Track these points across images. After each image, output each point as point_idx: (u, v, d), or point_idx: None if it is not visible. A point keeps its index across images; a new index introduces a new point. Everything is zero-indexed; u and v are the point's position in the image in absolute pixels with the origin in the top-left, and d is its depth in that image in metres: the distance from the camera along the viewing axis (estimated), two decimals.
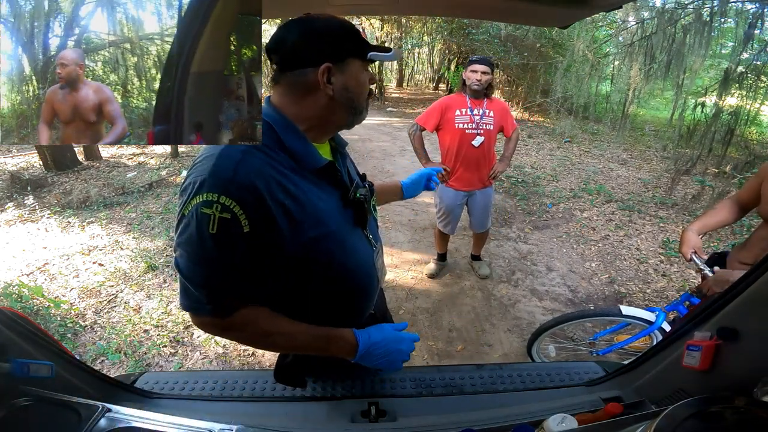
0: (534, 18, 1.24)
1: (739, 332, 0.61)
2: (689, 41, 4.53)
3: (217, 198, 0.62)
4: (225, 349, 2.16)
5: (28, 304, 2.39)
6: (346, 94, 0.72)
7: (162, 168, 5.05)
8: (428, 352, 2.19)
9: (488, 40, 8.52)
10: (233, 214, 0.62)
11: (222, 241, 0.64)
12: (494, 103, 2.33)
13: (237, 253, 0.65)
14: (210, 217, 0.62)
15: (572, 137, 7.32)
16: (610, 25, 7.63)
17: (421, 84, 17.15)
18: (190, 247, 0.66)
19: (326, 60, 0.68)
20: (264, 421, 0.80)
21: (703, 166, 4.81)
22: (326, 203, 0.74)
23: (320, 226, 0.71)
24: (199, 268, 0.67)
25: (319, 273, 0.75)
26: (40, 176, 4.57)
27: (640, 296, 2.74)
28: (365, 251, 0.84)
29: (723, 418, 0.51)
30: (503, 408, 0.84)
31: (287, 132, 0.71)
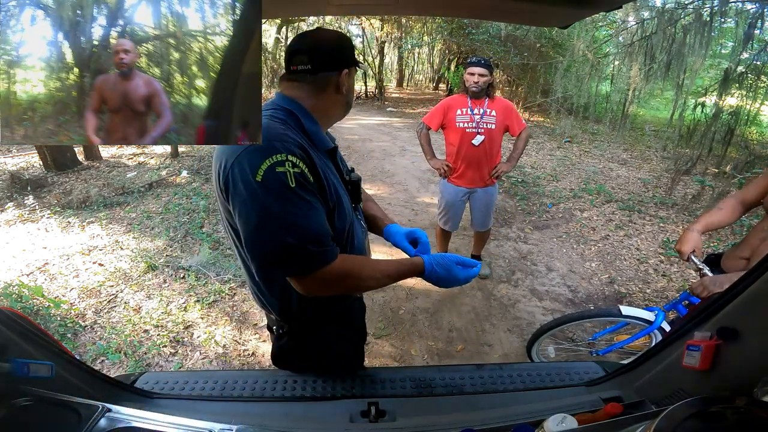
0: (534, 18, 1.24)
1: (739, 332, 0.60)
2: (689, 41, 4.53)
3: (286, 157, 0.71)
4: (225, 350, 2.16)
5: (28, 304, 2.39)
6: (349, 94, 0.91)
7: (162, 168, 5.05)
8: (428, 352, 2.19)
9: (488, 40, 8.52)
10: (301, 169, 0.73)
11: (303, 192, 0.73)
12: (497, 102, 2.34)
13: (315, 201, 0.76)
14: (286, 174, 0.71)
15: (572, 137, 7.32)
16: (610, 25, 7.64)
17: (421, 84, 17.16)
18: (281, 211, 0.72)
19: (347, 66, 0.86)
20: (264, 421, 0.80)
21: (703, 166, 4.81)
22: (336, 179, 0.88)
23: (338, 194, 0.85)
24: (300, 219, 0.73)
25: (339, 239, 0.86)
26: (40, 176, 4.57)
27: (640, 296, 2.74)
28: (360, 229, 0.99)
29: (723, 418, 0.51)
30: (503, 408, 0.84)
31: (306, 118, 0.84)
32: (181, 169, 4.94)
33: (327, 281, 0.79)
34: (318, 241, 0.76)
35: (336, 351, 1.03)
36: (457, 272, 0.89)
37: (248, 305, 2.50)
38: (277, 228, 0.72)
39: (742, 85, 4.40)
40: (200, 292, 2.60)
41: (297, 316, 0.95)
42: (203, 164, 5.08)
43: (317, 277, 0.78)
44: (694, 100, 4.80)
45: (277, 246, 0.73)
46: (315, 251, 0.75)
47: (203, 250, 3.05)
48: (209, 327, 2.31)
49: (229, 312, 2.43)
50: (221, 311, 2.43)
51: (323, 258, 0.77)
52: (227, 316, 2.39)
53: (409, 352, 2.18)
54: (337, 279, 0.80)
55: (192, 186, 4.42)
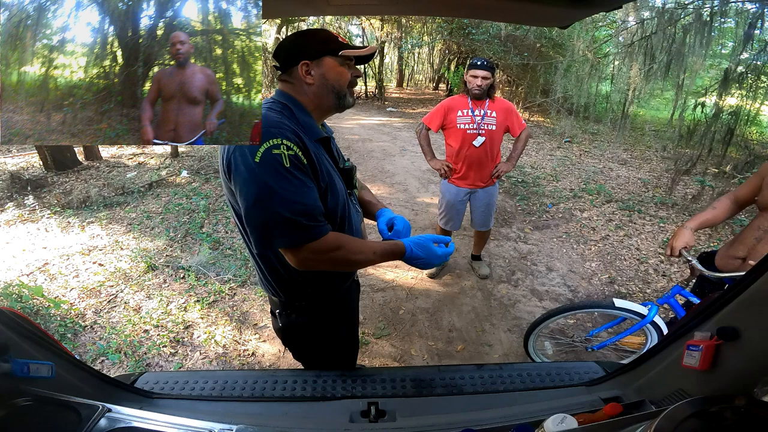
0: (534, 18, 1.24)
1: (739, 332, 0.60)
2: (689, 41, 4.53)
3: (281, 141, 0.81)
4: (225, 349, 2.16)
5: (28, 304, 2.39)
6: (325, 82, 0.94)
7: (162, 168, 5.05)
8: (428, 352, 2.19)
9: (488, 40, 8.52)
10: (295, 151, 0.82)
11: (297, 171, 0.82)
12: (497, 103, 2.34)
13: (308, 180, 0.85)
14: (281, 155, 0.80)
15: (572, 137, 7.32)
16: (610, 25, 7.64)
17: (421, 84, 17.16)
18: (276, 188, 0.80)
19: (303, 59, 0.92)
20: (264, 421, 0.80)
21: (703, 166, 4.81)
22: (329, 165, 0.96)
23: (330, 177, 0.93)
24: (294, 196, 0.82)
25: (332, 220, 0.94)
26: (40, 176, 4.57)
27: (640, 296, 2.74)
28: (356, 215, 1.06)
29: (723, 418, 0.51)
30: (503, 408, 0.84)
31: (298, 110, 0.93)
32: (181, 169, 4.94)
33: (318, 254, 0.87)
34: (309, 215, 0.84)
35: (333, 328, 1.14)
36: (435, 249, 0.98)
37: (248, 305, 2.50)
38: (273, 202, 0.81)
39: (742, 85, 4.40)
40: (200, 292, 2.59)
41: (298, 293, 1.05)
42: (203, 164, 5.07)
43: (309, 249, 0.86)
44: (694, 100, 4.80)
45: (273, 218, 0.82)
46: (306, 224, 0.84)
47: (203, 250, 3.05)
48: (209, 327, 2.31)
49: (229, 312, 2.43)
50: (221, 311, 2.43)
51: (315, 232, 0.85)
52: (227, 316, 2.39)
53: (409, 352, 2.18)
54: (327, 252, 0.88)
55: (192, 186, 4.42)
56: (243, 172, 0.81)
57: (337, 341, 1.18)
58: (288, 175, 0.81)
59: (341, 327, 1.18)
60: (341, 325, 1.18)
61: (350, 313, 1.24)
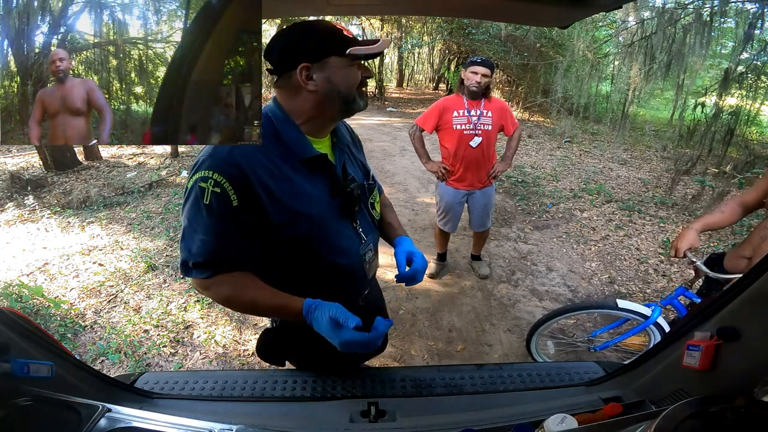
0: (534, 18, 1.24)
1: (739, 332, 0.60)
2: (689, 41, 4.53)
3: (211, 174, 0.74)
4: (225, 349, 2.16)
5: (28, 304, 2.39)
6: (331, 87, 0.80)
7: (162, 168, 5.05)
8: (428, 352, 2.19)
9: (488, 40, 8.52)
10: (223, 189, 0.74)
11: (213, 211, 0.76)
12: (492, 103, 2.33)
13: (225, 224, 0.77)
14: (205, 190, 0.75)
15: (572, 137, 7.32)
16: (610, 25, 7.63)
17: (421, 84, 17.15)
18: (189, 213, 0.79)
19: (302, 61, 0.77)
20: (264, 421, 0.80)
21: (703, 166, 4.81)
22: (313, 190, 0.84)
23: (300, 207, 0.82)
24: (193, 233, 0.79)
25: (304, 249, 0.86)
26: (40, 176, 4.57)
27: (640, 296, 2.74)
28: (350, 241, 0.93)
29: (723, 418, 0.51)
30: (503, 408, 0.84)
31: (283, 124, 0.82)
32: (181, 169, 4.94)
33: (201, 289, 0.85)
34: (196, 259, 0.80)
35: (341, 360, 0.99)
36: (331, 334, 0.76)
37: None
38: (186, 225, 0.80)
39: (742, 85, 4.40)
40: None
41: None
42: None
43: (195, 282, 0.85)
44: (694, 100, 4.80)
45: (182, 236, 0.82)
46: (189, 263, 0.81)
47: None
48: (209, 327, 2.31)
49: (229, 312, 2.43)
50: (221, 311, 2.43)
51: (195, 273, 0.82)
52: (227, 316, 2.39)
53: (409, 352, 2.18)
54: (206, 292, 0.85)
55: None
56: (187, 179, 0.81)
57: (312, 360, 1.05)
58: (199, 212, 0.77)
59: (316, 346, 0.96)
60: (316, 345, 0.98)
61: None
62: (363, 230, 0.96)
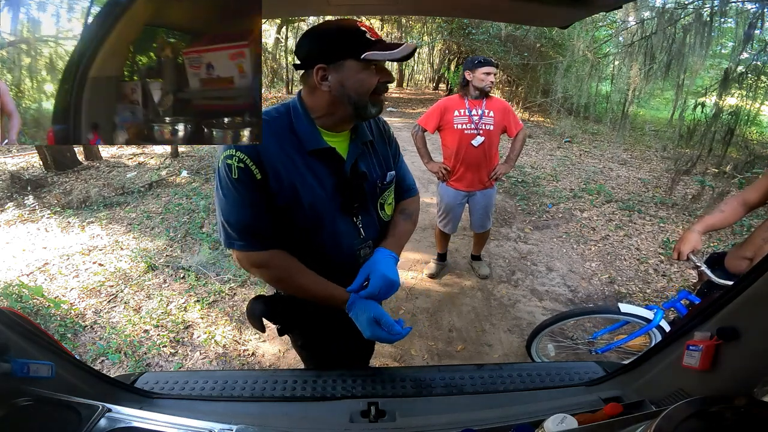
0: (534, 18, 1.23)
1: (739, 332, 0.60)
2: (689, 41, 4.53)
3: (235, 152, 0.81)
4: (225, 349, 2.16)
5: (28, 304, 2.39)
6: (343, 91, 0.82)
7: (162, 168, 5.05)
8: (428, 352, 2.19)
9: (488, 40, 8.53)
10: (246, 164, 0.81)
11: (242, 184, 0.83)
12: (494, 102, 2.33)
13: (255, 195, 0.84)
14: (231, 166, 0.82)
15: (572, 137, 7.32)
16: (610, 25, 7.64)
17: (421, 84, 17.17)
18: (222, 191, 0.86)
19: (319, 62, 0.80)
20: (264, 421, 0.80)
21: (703, 166, 4.81)
22: (314, 181, 0.88)
23: (301, 194, 0.87)
24: (229, 207, 0.86)
25: (299, 235, 0.91)
26: (40, 176, 4.57)
27: (640, 296, 2.74)
28: (348, 236, 0.96)
29: (723, 418, 0.51)
30: (503, 408, 0.84)
31: (298, 117, 0.87)
32: (181, 169, 4.94)
33: (245, 265, 0.93)
34: (238, 230, 0.87)
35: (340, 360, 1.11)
36: (365, 328, 0.91)
37: None
38: (220, 201, 0.87)
39: (742, 85, 4.41)
40: (200, 292, 2.60)
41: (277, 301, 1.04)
42: (203, 164, 5.07)
43: (238, 257, 0.91)
44: (694, 100, 4.80)
45: (219, 213, 0.89)
46: (233, 235, 0.88)
47: (203, 250, 3.05)
48: (209, 327, 2.31)
49: (229, 312, 2.43)
50: (221, 311, 2.43)
51: (238, 245, 0.89)
52: (227, 316, 2.39)
53: (409, 352, 2.18)
54: (258, 270, 0.92)
55: (192, 186, 4.42)
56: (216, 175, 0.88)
57: (325, 357, 1.13)
58: (231, 186, 0.84)
59: (331, 345, 1.10)
60: (331, 343, 1.10)
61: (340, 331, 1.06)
62: (363, 227, 0.97)
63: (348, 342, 1.11)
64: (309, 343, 1.15)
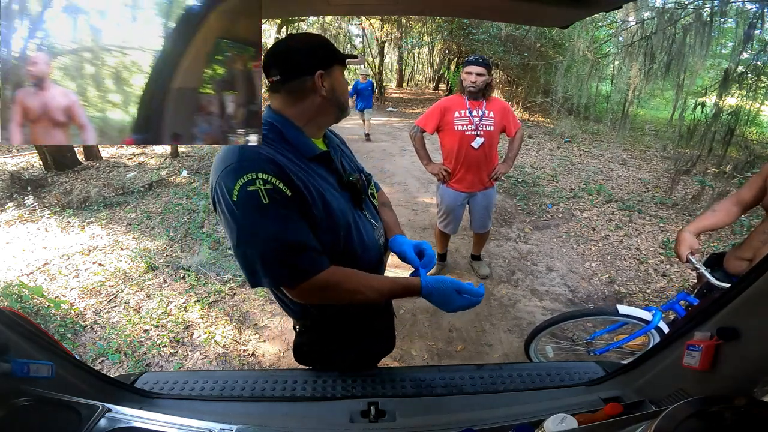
0: (534, 18, 1.24)
1: (739, 332, 0.60)
2: (689, 41, 4.53)
3: (256, 175, 0.73)
4: (225, 349, 2.16)
5: (28, 304, 2.39)
6: (334, 94, 0.87)
7: (162, 168, 5.05)
8: (428, 352, 2.19)
9: (488, 40, 8.53)
10: (273, 184, 0.73)
11: (278, 206, 0.74)
12: (494, 103, 2.31)
13: (293, 213, 0.76)
14: (257, 191, 0.73)
15: (572, 137, 7.32)
16: (610, 25, 7.64)
17: (421, 84, 17.18)
18: (256, 227, 0.75)
19: (319, 68, 0.83)
20: (264, 421, 0.80)
21: (703, 166, 4.81)
22: (329, 184, 0.88)
23: (329, 200, 0.83)
24: (275, 239, 0.75)
25: (339, 240, 0.87)
26: (40, 176, 4.57)
27: (640, 296, 2.74)
28: (368, 228, 0.96)
29: (723, 418, 0.51)
30: (503, 408, 0.84)
31: (287, 128, 0.84)
32: (181, 169, 4.94)
33: (311, 291, 0.82)
34: (296, 250, 0.77)
35: (355, 350, 1.06)
36: (453, 299, 0.87)
37: (248, 305, 2.50)
38: (255, 242, 0.76)
39: (742, 85, 4.41)
40: (200, 292, 2.59)
41: (317, 316, 0.99)
42: (203, 164, 5.07)
43: (303, 290, 0.81)
44: (694, 100, 4.80)
45: (257, 259, 0.77)
46: (286, 269, 0.78)
47: (203, 250, 3.05)
48: (209, 327, 2.31)
49: (229, 312, 2.43)
50: (221, 311, 2.43)
51: (300, 274, 0.79)
52: (227, 316, 2.39)
53: (409, 352, 2.18)
54: (321, 290, 0.82)
55: (192, 186, 4.42)
56: (224, 211, 0.76)
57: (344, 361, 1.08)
58: (269, 212, 0.74)
59: (353, 347, 1.06)
60: (353, 345, 1.06)
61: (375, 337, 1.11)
62: (372, 218, 1.01)
63: (373, 346, 1.12)
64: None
